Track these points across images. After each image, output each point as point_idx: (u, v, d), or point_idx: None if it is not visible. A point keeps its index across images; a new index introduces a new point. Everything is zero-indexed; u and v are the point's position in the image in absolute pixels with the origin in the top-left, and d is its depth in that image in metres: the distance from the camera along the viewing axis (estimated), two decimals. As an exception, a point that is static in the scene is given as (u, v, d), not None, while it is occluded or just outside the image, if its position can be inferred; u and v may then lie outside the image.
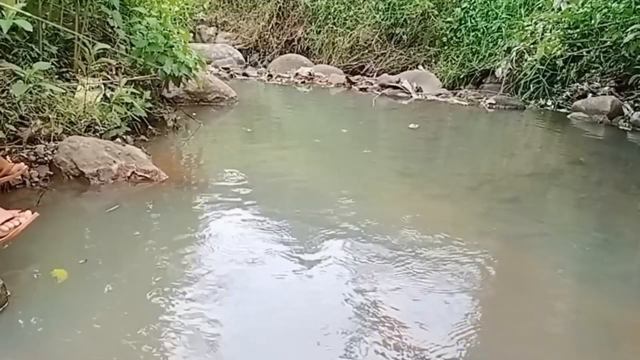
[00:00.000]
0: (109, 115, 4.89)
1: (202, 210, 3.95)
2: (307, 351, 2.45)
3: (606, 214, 4.53)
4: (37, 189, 3.92)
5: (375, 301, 2.82)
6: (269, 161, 5.43)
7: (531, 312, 2.91)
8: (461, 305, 2.86)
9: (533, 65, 9.93)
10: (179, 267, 3.03)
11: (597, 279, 3.32)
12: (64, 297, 2.66)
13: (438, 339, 2.54)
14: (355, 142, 6.75)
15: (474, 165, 5.90)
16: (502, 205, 4.49)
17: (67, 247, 3.16)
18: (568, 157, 6.62)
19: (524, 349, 2.58)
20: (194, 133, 6.03)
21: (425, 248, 3.45)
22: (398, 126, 8.12)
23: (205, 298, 2.76)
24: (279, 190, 4.50)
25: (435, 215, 4.14)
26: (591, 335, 2.73)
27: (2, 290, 2.51)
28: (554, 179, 5.52)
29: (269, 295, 2.86)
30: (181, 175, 4.67)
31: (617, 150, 7.22)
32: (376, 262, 3.27)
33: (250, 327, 2.57)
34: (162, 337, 2.43)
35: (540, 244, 3.78)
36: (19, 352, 2.28)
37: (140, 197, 4.03)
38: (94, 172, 4.09)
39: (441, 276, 3.14)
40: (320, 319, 2.68)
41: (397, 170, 5.44)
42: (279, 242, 3.45)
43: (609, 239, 3.93)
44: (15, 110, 4.23)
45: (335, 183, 4.87)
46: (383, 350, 2.44)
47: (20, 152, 4.13)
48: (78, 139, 4.23)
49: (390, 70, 12.43)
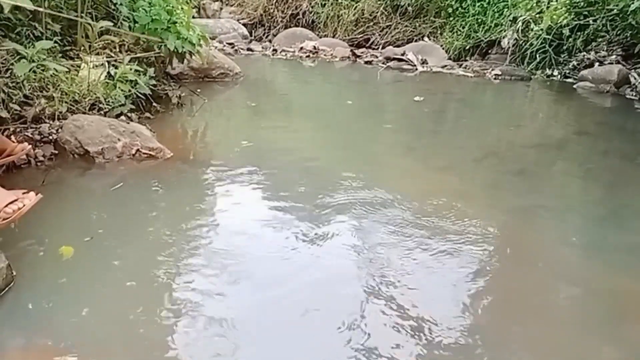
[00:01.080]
0: (113, 93, 4.89)
1: (207, 187, 3.96)
2: (314, 325, 2.47)
3: (613, 185, 4.51)
4: (42, 168, 3.94)
5: (382, 273, 2.84)
6: (274, 136, 5.42)
7: (537, 283, 2.91)
8: (467, 277, 2.87)
9: (539, 34, 9.82)
10: (185, 244, 3.05)
11: (603, 251, 3.32)
12: (70, 275, 2.69)
13: (444, 312, 2.56)
14: (360, 115, 6.73)
15: (479, 137, 5.88)
16: (508, 177, 4.47)
17: (73, 226, 3.18)
18: (574, 128, 6.58)
19: (530, 321, 2.59)
20: (198, 110, 6.02)
21: (431, 221, 3.45)
22: (403, 99, 8.08)
23: (212, 274, 2.78)
24: (285, 165, 4.49)
25: (441, 187, 4.13)
26: (598, 307, 2.74)
27: (8, 269, 2.53)
28: (560, 150, 5.49)
29: (276, 270, 2.87)
30: (186, 152, 4.68)
31: (623, 120, 7.17)
32: (383, 234, 3.28)
33: (256, 302, 2.59)
34: (168, 313, 2.45)
35: (546, 215, 3.77)
36: (25, 331, 2.30)
37: (145, 175, 4.03)
38: (98, 150, 4.10)
39: (447, 249, 3.14)
40: (328, 293, 2.70)
41: (403, 143, 5.43)
42: (285, 217, 3.46)
43: (615, 210, 3.92)
44: (19, 89, 4.23)
45: (341, 157, 4.87)
46: (390, 323, 2.46)
47: (25, 131, 4.14)
48: (82, 118, 4.24)
49: (396, 43, 12.32)
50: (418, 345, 2.34)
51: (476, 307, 2.64)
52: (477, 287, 2.80)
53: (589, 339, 2.50)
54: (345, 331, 2.40)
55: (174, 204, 3.64)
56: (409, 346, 2.33)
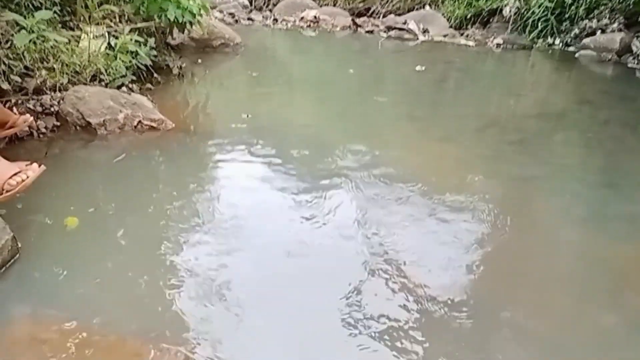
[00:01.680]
0: (114, 64, 4.87)
1: (209, 158, 3.98)
2: (315, 294, 2.50)
3: (614, 154, 4.51)
4: (44, 140, 3.95)
5: (382, 242, 2.87)
6: (276, 106, 5.42)
7: (537, 253, 2.94)
8: (467, 246, 2.90)
9: (541, 3, 9.72)
10: (188, 214, 3.07)
11: (603, 220, 3.34)
12: (75, 246, 2.72)
13: (444, 280, 2.60)
14: (361, 86, 6.71)
15: (481, 106, 5.87)
16: (508, 147, 4.48)
17: (77, 197, 3.20)
18: (576, 97, 6.57)
19: (529, 290, 2.62)
20: (199, 80, 6.00)
21: (432, 191, 3.47)
22: (404, 69, 8.05)
23: (215, 243, 2.82)
24: (286, 135, 4.50)
25: (442, 157, 4.15)
26: (597, 276, 2.76)
27: (13, 241, 2.55)
28: (561, 120, 5.49)
29: (278, 239, 2.91)
30: (188, 123, 4.69)
31: (625, 89, 7.15)
32: (383, 204, 3.31)
33: (259, 271, 2.63)
34: (173, 282, 2.49)
35: (546, 185, 3.79)
36: (32, 302, 2.34)
37: (147, 146, 4.05)
38: (100, 122, 4.10)
39: (448, 218, 3.17)
40: (328, 263, 2.73)
41: (404, 113, 5.43)
42: (286, 187, 3.49)
43: (616, 180, 3.94)
44: (19, 60, 4.22)
45: (342, 127, 4.88)
46: (390, 292, 2.50)
47: (27, 103, 4.14)
48: (83, 89, 4.23)
49: (397, 12, 12.21)
50: (415, 310, 2.38)
51: (475, 275, 2.67)
52: (476, 255, 2.83)
53: (589, 306, 2.53)
54: (344, 296, 2.44)
55: (177, 175, 3.66)
56: (406, 311, 2.37)
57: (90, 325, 2.19)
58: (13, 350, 2.09)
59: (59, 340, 2.10)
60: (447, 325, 2.32)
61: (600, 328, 2.38)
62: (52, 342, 2.09)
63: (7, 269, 2.49)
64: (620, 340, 2.32)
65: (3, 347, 2.09)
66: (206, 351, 2.10)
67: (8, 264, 2.51)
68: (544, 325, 2.37)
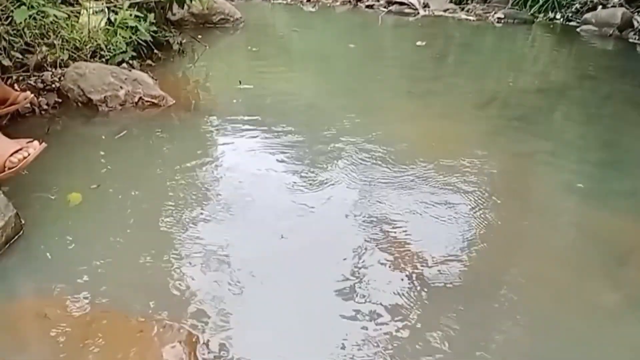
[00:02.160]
0: (114, 39, 4.86)
1: (210, 134, 3.99)
2: (314, 269, 2.53)
3: (615, 130, 4.51)
4: (46, 117, 3.95)
5: (380, 218, 2.90)
6: (276, 82, 5.41)
7: (537, 229, 2.96)
8: (465, 221, 2.93)
9: (542, -24, 9.68)
10: (190, 190, 3.10)
11: (603, 196, 3.36)
12: (79, 221, 2.74)
13: (442, 254, 2.62)
14: (361, 61, 6.69)
15: (481, 82, 5.86)
16: (509, 123, 4.49)
17: (79, 174, 3.22)
18: (577, 72, 6.55)
19: (528, 265, 2.65)
20: (200, 56, 5.98)
21: (431, 167, 3.49)
22: (405, 44, 8.02)
23: (217, 218, 2.85)
24: (287, 111, 4.50)
25: (442, 133, 4.16)
26: (596, 251, 2.78)
27: (16, 218, 2.57)
28: (562, 95, 5.49)
29: (279, 214, 2.93)
30: (188, 100, 4.69)
31: (626, 64, 7.13)
32: (382, 179, 3.33)
33: (260, 247, 2.66)
34: (176, 259, 2.51)
35: (547, 161, 3.80)
36: (37, 278, 2.37)
37: (148, 123, 4.05)
38: (101, 98, 4.11)
39: (447, 194, 3.19)
40: (328, 237, 2.77)
41: (404, 89, 5.43)
42: (287, 163, 3.50)
43: (617, 155, 3.95)
44: (20, 37, 4.21)
45: (342, 102, 4.87)
46: (387, 265, 2.53)
47: (28, 79, 4.14)
48: (84, 65, 4.23)
49: (398, -14, 12.12)
50: (413, 283, 2.41)
51: (474, 250, 2.70)
52: (476, 230, 2.85)
53: (589, 281, 2.56)
54: (343, 270, 2.48)
55: (178, 152, 3.66)
56: (404, 286, 2.40)
57: (93, 301, 2.21)
58: (17, 326, 2.12)
59: (62, 316, 2.13)
60: (444, 299, 2.35)
61: (599, 303, 2.41)
62: (56, 317, 2.12)
63: (11, 246, 2.51)
64: (618, 315, 2.34)
65: (8, 323, 2.12)
66: (208, 327, 2.13)
67: (12, 241, 2.53)
68: (542, 300, 2.40)
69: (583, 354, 2.13)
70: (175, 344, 2.00)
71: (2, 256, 2.44)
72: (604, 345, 2.18)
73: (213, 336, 2.08)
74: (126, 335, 2.07)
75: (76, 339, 2.01)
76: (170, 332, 2.07)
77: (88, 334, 2.04)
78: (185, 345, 2.00)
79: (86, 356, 1.94)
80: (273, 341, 2.12)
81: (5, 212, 2.52)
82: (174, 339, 2.02)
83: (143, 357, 1.95)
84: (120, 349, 1.97)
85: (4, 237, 2.48)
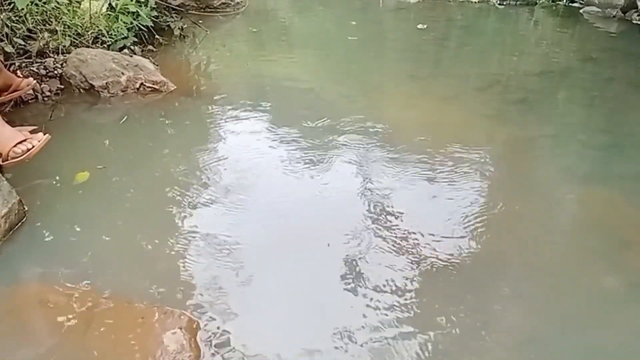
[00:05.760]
0: (115, 25, 4.85)
1: (211, 119, 4.00)
2: (316, 253, 2.56)
3: (617, 113, 4.50)
4: (49, 103, 3.96)
5: (382, 203, 2.91)
6: (277, 67, 5.40)
7: (538, 213, 2.97)
8: (468, 205, 2.94)
9: (545, -43, 9.61)
10: (193, 175, 3.12)
11: (606, 180, 3.36)
12: (82, 208, 2.77)
13: (444, 238, 2.64)
14: (362, 44, 6.66)
15: (483, 65, 5.84)
16: (511, 106, 4.48)
17: (82, 160, 3.22)
18: (579, 54, 6.51)
19: (530, 249, 2.66)
20: (201, 41, 5.97)
21: (432, 151, 3.49)
22: (406, 26, 7.98)
23: (219, 203, 2.87)
24: (288, 96, 4.51)
25: (444, 117, 4.15)
26: (598, 236, 2.79)
27: (20, 205, 2.59)
28: (564, 78, 5.47)
29: (281, 199, 2.95)
30: (190, 85, 4.68)
31: (630, 46, 7.08)
32: (384, 162, 3.35)
33: (264, 232, 2.68)
34: (179, 244, 2.54)
35: (549, 145, 3.80)
36: (41, 263, 2.39)
37: (150, 109, 4.06)
38: (103, 84, 4.11)
39: (448, 178, 3.20)
40: (330, 222, 2.78)
41: (406, 72, 5.41)
42: (288, 148, 3.52)
43: (619, 139, 3.94)
44: (22, 23, 4.21)
45: (343, 86, 4.86)
46: (391, 248, 2.56)
47: (30, 66, 4.14)
48: (86, 51, 4.23)
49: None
50: (415, 269, 2.43)
51: (474, 234, 2.71)
52: (477, 215, 2.86)
53: (591, 264, 2.57)
54: (347, 252, 2.51)
55: (180, 137, 3.68)
56: (407, 269, 2.43)
57: (96, 286, 2.24)
58: (21, 311, 2.15)
59: (66, 301, 2.16)
60: (446, 283, 2.37)
61: (601, 287, 2.42)
62: (60, 303, 2.15)
63: (14, 232, 2.53)
64: (621, 299, 2.36)
65: (11, 309, 2.14)
66: (209, 313, 2.15)
67: (16, 227, 2.55)
68: (544, 283, 2.41)
69: (585, 338, 2.15)
70: (176, 330, 2.03)
71: (6, 243, 2.47)
72: (606, 328, 2.19)
73: (214, 322, 2.11)
74: (128, 321, 2.09)
75: (79, 325, 2.04)
76: (172, 318, 2.09)
77: (91, 319, 2.06)
78: (185, 332, 2.02)
79: (88, 342, 1.96)
80: (274, 326, 2.14)
81: (9, 199, 2.53)
82: (174, 325, 2.05)
83: (144, 343, 1.98)
84: (122, 335, 2.00)
85: (7, 223, 2.50)
